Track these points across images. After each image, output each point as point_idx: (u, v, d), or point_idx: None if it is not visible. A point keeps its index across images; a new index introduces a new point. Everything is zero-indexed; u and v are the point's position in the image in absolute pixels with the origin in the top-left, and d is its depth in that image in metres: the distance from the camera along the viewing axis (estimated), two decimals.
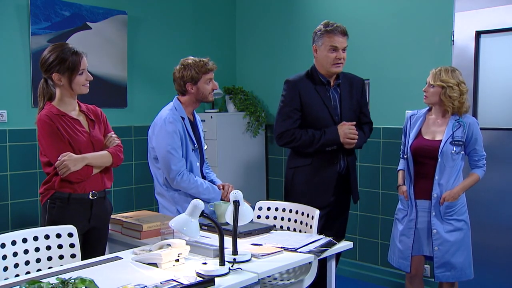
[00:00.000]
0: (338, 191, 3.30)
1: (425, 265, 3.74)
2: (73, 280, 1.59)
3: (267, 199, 4.90)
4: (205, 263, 2.12)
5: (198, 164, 3.08)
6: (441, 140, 3.02)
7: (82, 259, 2.41)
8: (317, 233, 2.77)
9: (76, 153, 2.55)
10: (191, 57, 3.06)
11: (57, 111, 2.58)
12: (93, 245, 2.67)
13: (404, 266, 3.14)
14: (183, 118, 3.01)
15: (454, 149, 3.00)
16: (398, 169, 3.30)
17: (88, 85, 2.66)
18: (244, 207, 2.33)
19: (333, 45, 3.15)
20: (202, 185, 3.00)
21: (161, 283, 1.93)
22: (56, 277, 1.69)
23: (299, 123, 3.24)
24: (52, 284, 1.57)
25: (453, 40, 3.72)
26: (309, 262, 2.57)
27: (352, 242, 2.59)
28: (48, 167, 2.57)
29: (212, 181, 3.18)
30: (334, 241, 2.54)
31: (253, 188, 4.82)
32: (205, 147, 3.27)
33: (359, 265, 4.35)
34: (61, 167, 2.49)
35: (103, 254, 2.68)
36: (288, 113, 3.24)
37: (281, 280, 2.78)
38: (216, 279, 1.98)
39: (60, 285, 1.56)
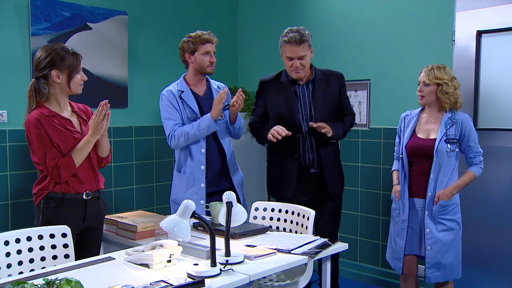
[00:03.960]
0: (307, 187, 3.31)
1: (422, 266, 3.72)
2: (58, 281, 1.59)
3: (268, 200, 4.88)
4: (196, 264, 2.12)
5: None
6: (436, 138, 3.00)
7: (76, 259, 2.41)
8: (312, 234, 2.76)
9: (68, 152, 2.55)
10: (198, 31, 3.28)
11: (48, 111, 2.58)
12: (87, 245, 2.67)
13: (397, 267, 3.16)
14: (181, 91, 3.22)
15: (449, 147, 2.98)
16: (392, 169, 3.29)
17: (83, 85, 2.66)
18: (238, 208, 2.33)
19: (288, 56, 3.26)
20: (192, 126, 3.13)
21: (150, 283, 1.93)
22: (43, 278, 1.68)
23: (261, 118, 3.47)
24: (36, 285, 1.56)
25: (454, 40, 3.69)
26: (305, 264, 2.56)
27: (347, 244, 2.57)
28: (39, 165, 2.58)
29: None
30: (329, 242, 2.52)
31: (254, 189, 4.79)
32: (221, 117, 3.28)
33: (360, 266, 4.32)
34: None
35: (98, 254, 2.69)
36: (254, 110, 3.55)
37: (277, 282, 2.77)
38: (206, 280, 1.97)
39: (45, 286, 1.56)
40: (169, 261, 2.17)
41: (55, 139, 2.54)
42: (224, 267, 2.11)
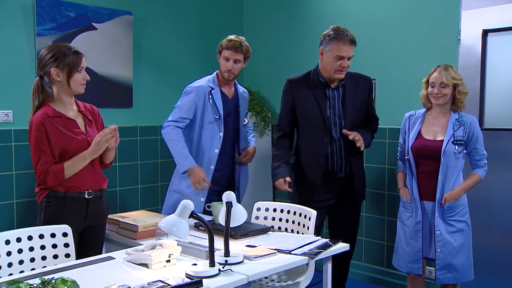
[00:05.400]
0: (332, 191, 3.30)
1: (430, 267, 3.69)
2: (54, 281, 1.59)
3: (274, 200, 4.88)
4: (195, 264, 2.11)
5: (221, 134, 3.29)
6: (443, 140, 2.97)
7: (78, 258, 2.41)
8: (315, 234, 2.75)
9: (70, 154, 2.56)
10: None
11: (52, 112, 2.57)
12: (90, 244, 2.67)
13: (415, 269, 3.09)
14: (212, 88, 3.28)
15: (456, 148, 2.95)
16: (397, 171, 3.26)
17: (85, 85, 2.65)
18: (238, 208, 2.32)
19: (340, 55, 3.16)
20: (179, 146, 3.20)
21: (148, 283, 1.93)
22: (39, 277, 1.69)
23: (287, 122, 3.43)
24: (32, 285, 1.57)
25: (459, 39, 3.66)
26: (306, 264, 2.55)
27: (348, 244, 2.56)
28: None
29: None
30: (330, 243, 2.51)
31: (260, 189, 4.79)
32: (245, 122, 3.50)
33: (365, 267, 4.30)
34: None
35: (100, 253, 2.68)
36: (281, 113, 3.45)
37: (278, 282, 2.76)
38: (204, 280, 1.97)
39: (41, 285, 1.56)
40: (168, 261, 2.17)
41: (57, 141, 2.53)
42: (223, 267, 2.11)
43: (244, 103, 3.49)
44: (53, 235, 2.42)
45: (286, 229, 2.97)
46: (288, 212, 2.99)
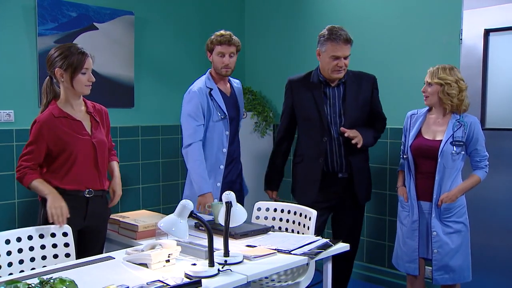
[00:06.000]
0: (333, 192, 3.30)
1: (430, 267, 3.69)
2: (52, 281, 1.59)
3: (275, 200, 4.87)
4: (194, 264, 2.11)
5: (227, 132, 3.28)
6: (442, 140, 2.96)
7: (78, 258, 2.41)
8: (315, 234, 2.75)
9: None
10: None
11: (59, 112, 2.58)
12: (89, 244, 2.67)
13: (411, 269, 3.08)
14: (211, 89, 3.24)
15: (455, 149, 2.94)
16: (398, 169, 3.26)
17: (90, 86, 2.65)
18: (237, 208, 2.32)
19: (335, 55, 3.16)
20: (200, 168, 3.13)
21: (147, 283, 1.93)
22: (38, 277, 1.69)
23: (288, 123, 3.47)
24: (30, 285, 1.57)
25: (461, 39, 3.65)
26: (306, 264, 2.55)
27: (348, 244, 2.55)
28: None
29: None
30: (330, 243, 2.51)
31: (261, 189, 4.78)
32: (244, 116, 3.55)
33: (366, 267, 4.29)
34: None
35: (101, 254, 2.68)
36: (282, 118, 3.51)
37: (278, 282, 2.76)
38: (203, 280, 1.97)
39: (39, 285, 1.56)
40: (167, 261, 2.17)
41: (59, 141, 2.53)
42: (222, 267, 2.11)
43: (240, 95, 3.50)
44: (53, 235, 2.43)
45: (286, 229, 2.97)
46: (288, 212, 2.99)
